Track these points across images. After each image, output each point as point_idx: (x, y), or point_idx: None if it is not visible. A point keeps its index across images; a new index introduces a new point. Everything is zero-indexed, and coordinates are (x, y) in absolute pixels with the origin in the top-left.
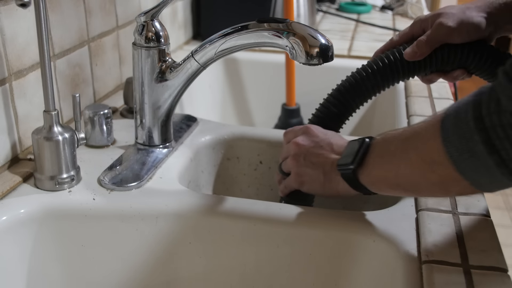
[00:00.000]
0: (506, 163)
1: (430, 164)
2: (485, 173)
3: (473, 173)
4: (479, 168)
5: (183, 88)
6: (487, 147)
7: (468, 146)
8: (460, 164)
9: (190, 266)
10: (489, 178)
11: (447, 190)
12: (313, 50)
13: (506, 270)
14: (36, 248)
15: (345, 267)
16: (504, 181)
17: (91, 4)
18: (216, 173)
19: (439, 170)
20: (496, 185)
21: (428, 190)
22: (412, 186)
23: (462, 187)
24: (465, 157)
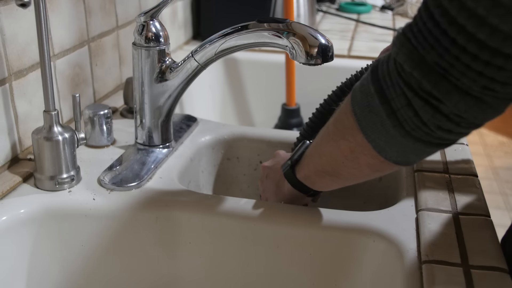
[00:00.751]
0: (396, 114)
1: (341, 130)
2: (381, 128)
3: (372, 130)
4: (376, 124)
5: (183, 88)
6: (379, 97)
7: (367, 101)
8: (362, 121)
9: (190, 266)
10: (385, 136)
11: (358, 163)
12: (313, 50)
13: (506, 270)
14: (36, 248)
15: (345, 267)
16: (398, 138)
17: (91, 4)
18: (216, 173)
19: (347, 134)
20: (394, 146)
21: (344, 167)
22: (332, 166)
23: (369, 155)
24: (365, 112)
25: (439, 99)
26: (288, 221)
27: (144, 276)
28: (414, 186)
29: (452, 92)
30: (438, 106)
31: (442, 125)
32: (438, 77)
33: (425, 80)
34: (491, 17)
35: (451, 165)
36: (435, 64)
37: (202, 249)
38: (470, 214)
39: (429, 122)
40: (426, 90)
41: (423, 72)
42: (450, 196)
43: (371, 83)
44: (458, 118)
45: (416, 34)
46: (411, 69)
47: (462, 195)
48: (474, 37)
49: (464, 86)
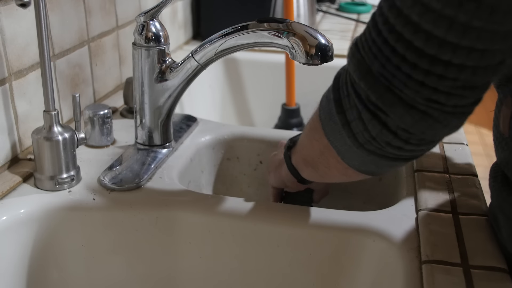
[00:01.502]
0: (350, 125)
1: (313, 130)
2: (340, 137)
3: (333, 137)
4: (335, 132)
5: (183, 88)
6: (336, 106)
7: (329, 107)
8: (325, 126)
9: (190, 266)
10: (344, 144)
11: (328, 164)
12: (313, 50)
13: (506, 270)
14: (36, 248)
15: (345, 267)
16: (353, 148)
17: (91, 4)
18: (216, 173)
19: (317, 135)
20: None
21: (319, 163)
22: (311, 159)
23: (335, 159)
24: (327, 119)
25: (384, 111)
26: (288, 221)
27: (144, 276)
28: (414, 186)
29: (396, 104)
30: (385, 120)
31: (391, 141)
32: (383, 88)
33: (370, 91)
34: (423, 23)
35: (451, 165)
36: (380, 74)
37: (202, 249)
38: (470, 214)
39: (378, 138)
40: (372, 102)
41: (369, 83)
42: (450, 196)
43: (332, 90)
44: (406, 134)
45: (364, 43)
46: (359, 80)
47: (462, 195)
48: (411, 44)
49: (408, 98)
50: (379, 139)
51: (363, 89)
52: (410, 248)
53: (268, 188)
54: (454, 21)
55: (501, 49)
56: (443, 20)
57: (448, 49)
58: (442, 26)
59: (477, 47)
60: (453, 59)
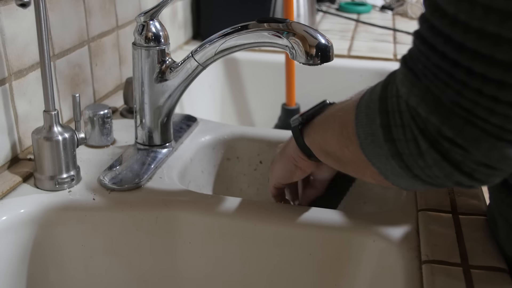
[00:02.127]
0: (401, 156)
1: (345, 139)
2: (386, 162)
3: (377, 160)
4: (381, 156)
5: (183, 88)
6: (384, 133)
7: (371, 129)
8: (365, 147)
9: (190, 266)
10: (391, 170)
11: (363, 173)
12: (313, 50)
13: (506, 270)
14: (36, 248)
15: (345, 267)
16: (405, 176)
17: (91, 4)
18: (216, 173)
19: (351, 147)
20: (402, 181)
21: (349, 166)
22: (337, 158)
23: (374, 173)
24: (368, 141)
25: (465, 148)
26: (288, 221)
27: (144, 276)
28: None
29: (481, 138)
30: (461, 159)
31: (464, 182)
32: (462, 122)
33: (446, 126)
34: (505, 31)
35: None
36: (455, 105)
37: (202, 249)
38: (470, 214)
39: (447, 178)
40: (448, 138)
41: (442, 116)
42: (450, 196)
43: (378, 112)
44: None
45: (424, 71)
46: (428, 114)
47: (462, 195)
48: (493, 59)
49: (494, 130)
50: (448, 179)
51: (433, 124)
52: (410, 248)
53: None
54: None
55: None
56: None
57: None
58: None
59: None
60: None
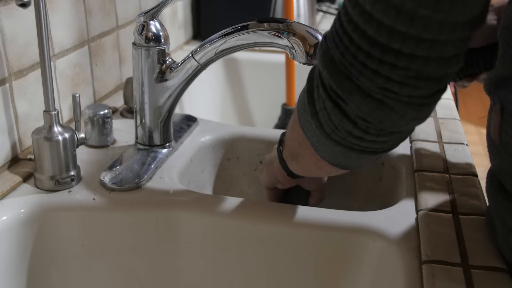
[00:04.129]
0: (318, 115)
1: (294, 121)
2: (311, 127)
3: (307, 129)
4: (307, 123)
5: (183, 88)
6: (308, 97)
7: (303, 98)
8: (300, 118)
9: (190, 266)
10: (314, 135)
11: (307, 157)
12: (313, 50)
13: (506, 270)
14: (36, 248)
15: (345, 267)
16: (322, 139)
17: (91, 4)
18: (216, 173)
19: (296, 127)
20: (323, 148)
21: (300, 156)
22: (294, 152)
23: (310, 151)
24: (301, 109)
25: (344, 99)
26: (288, 221)
27: (144, 276)
28: (414, 186)
29: (354, 92)
30: (345, 109)
31: (351, 131)
32: (343, 77)
33: (332, 79)
34: (375, 12)
35: (451, 165)
36: (340, 63)
37: (202, 249)
38: (470, 214)
39: (340, 127)
40: (334, 90)
41: (331, 71)
42: (450, 196)
43: (307, 81)
44: (364, 123)
45: (329, 35)
46: (323, 69)
47: (462, 195)
48: (365, 33)
49: (364, 87)
50: (341, 128)
51: (326, 77)
52: (410, 248)
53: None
54: (401, 10)
55: (451, 40)
56: (391, 8)
57: (398, 38)
58: (390, 14)
59: (425, 37)
60: (403, 48)
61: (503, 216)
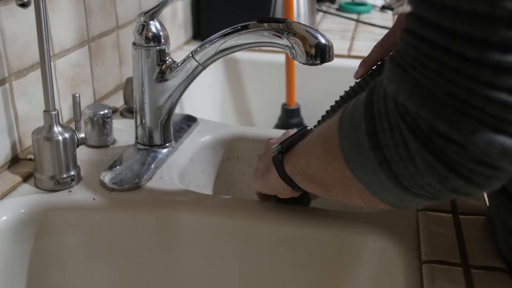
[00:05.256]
0: (389, 164)
1: (328, 155)
2: (373, 175)
3: (363, 174)
4: (367, 168)
5: (183, 88)
6: (370, 140)
7: (356, 138)
8: (350, 160)
9: (190, 266)
10: (379, 183)
11: (349, 193)
12: (313, 50)
13: (506, 270)
14: (36, 248)
15: (345, 267)
16: (393, 190)
17: (91, 4)
18: (216, 173)
19: (335, 163)
20: (390, 195)
21: (334, 188)
22: (321, 181)
23: (360, 191)
24: (353, 152)
25: (461, 144)
26: (288, 221)
27: (144, 276)
28: None
29: (479, 131)
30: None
31: (460, 188)
32: (457, 113)
33: (439, 120)
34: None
35: None
36: (447, 95)
37: (202, 249)
38: (470, 214)
39: (441, 185)
40: (442, 134)
41: (434, 109)
42: None
43: (363, 118)
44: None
45: (413, 62)
46: (419, 108)
47: None
48: (487, 42)
49: (493, 121)
50: (443, 185)
51: (425, 119)
52: (410, 248)
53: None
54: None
55: None
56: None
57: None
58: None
59: None
60: None
61: (504, 216)
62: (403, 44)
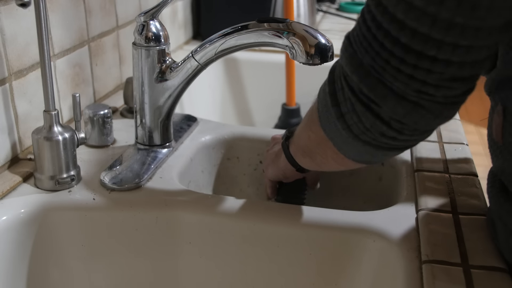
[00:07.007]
0: (344, 117)
1: (311, 122)
2: (335, 129)
3: (329, 130)
4: (331, 124)
5: (183, 88)
6: (331, 100)
7: (325, 100)
8: (322, 119)
9: (190, 266)
10: (339, 136)
11: (326, 155)
12: (313, 50)
13: (506, 270)
14: (36, 248)
15: (345, 267)
16: (349, 140)
17: (91, 4)
18: (216, 173)
19: (313, 128)
20: (349, 147)
21: (316, 154)
22: (308, 150)
23: (332, 151)
24: (323, 111)
25: (377, 103)
26: (288, 221)
27: (144, 276)
28: (414, 186)
29: (388, 96)
30: (378, 111)
31: (385, 132)
32: (375, 81)
33: (363, 84)
34: (408, 21)
35: (451, 165)
36: (371, 67)
37: (202, 249)
38: (470, 214)
39: (372, 129)
40: (365, 94)
41: (361, 76)
42: (450, 196)
43: (327, 84)
44: (399, 124)
45: (355, 38)
46: (351, 73)
47: (462, 195)
48: (398, 41)
49: (399, 90)
50: (373, 130)
51: (355, 82)
52: (410, 248)
53: (264, 181)
54: (437, 18)
55: (486, 45)
56: (426, 17)
57: (433, 45)
58: (426, 23)
59: (461, 44)
60: (438, 54)
61: (505, 218)
62: (356, 24)
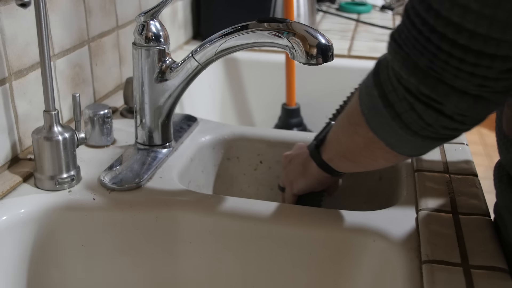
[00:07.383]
0: (401, 117)
1: (354, 125)
2: (389, 129)
3: (381, 130)
4: (384, 125)
5: (183, 88)
6: (383, 101)
7: (372, 102)
8: (370, 121)
9: (190, 266)
10: (394, 135)
11: (374, 155)
12: (313, 50)
13: (506, 270)
14: (36, 248)
15: (345, 267)
16: (406, 137)
17: (91, 4)
18: (216, 173)
19: (360, 130)
20: (404, 144)
21: (361, 156)
22: (351, 154)
23: (383, 150)
24: (372, 113)
25: (439, 101)
26: (288, 221)
27: (144, 276)
28: (414, 186)
29: (450, 93)
30: (440, 108)
31: (448, 125)
32: (435, 81)
33: (423, 85)
34: (465, 23)
35: (451, 165)
36: (429, 68)
37: (202, 249)
38: (470, 214)
39: (435, 124)
40: (425, 94)
41: (419, 77)
42: (450, 196)
43: (374, 86)
44: (462, 117)
45: (405, 41)
46: (408, 75)
47: (462, 195)
48: (456, 42)
49: (461, 87)
50: (436, 125)
51: (413, 83)
52: (410, 248)
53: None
54: (494, 19)
55: None
56: (484, 19)
57: (493, 44)
58: (483, 24)
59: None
60: (498, 52)
61: None
62: (401, 23)
